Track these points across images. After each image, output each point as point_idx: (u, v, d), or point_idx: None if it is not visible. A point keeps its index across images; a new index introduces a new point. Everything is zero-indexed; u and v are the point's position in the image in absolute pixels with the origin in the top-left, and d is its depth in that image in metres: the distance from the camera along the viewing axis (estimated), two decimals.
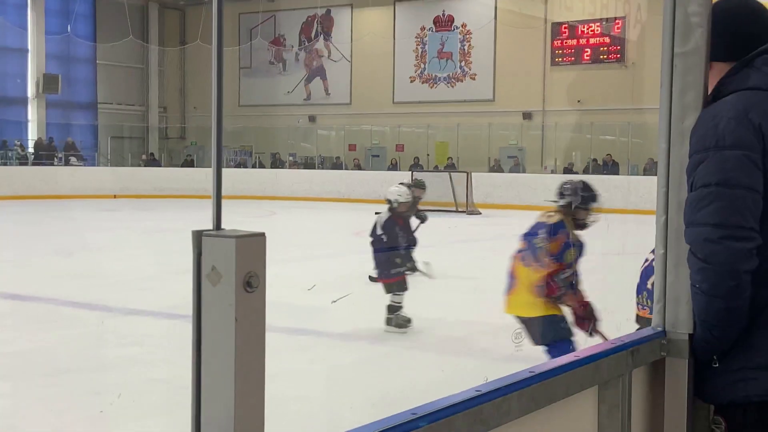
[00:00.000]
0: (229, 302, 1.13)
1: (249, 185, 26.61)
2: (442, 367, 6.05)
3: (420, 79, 30.66)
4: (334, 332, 7.30)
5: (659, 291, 2.06)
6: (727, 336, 1.94)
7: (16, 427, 4.81)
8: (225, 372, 1.14)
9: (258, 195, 26.36)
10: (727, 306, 1.89)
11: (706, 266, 1.88)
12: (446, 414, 1.39)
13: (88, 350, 6.69)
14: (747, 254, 1.87)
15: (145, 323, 7.74)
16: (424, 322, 7.93)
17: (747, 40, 2.05)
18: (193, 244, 1.16)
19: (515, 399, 1.54)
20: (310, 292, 8.75)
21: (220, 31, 1.23)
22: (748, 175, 1.88)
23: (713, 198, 1.88)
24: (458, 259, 12.50)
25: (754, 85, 1.97)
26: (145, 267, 11.41)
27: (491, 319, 8.09)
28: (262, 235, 1.17)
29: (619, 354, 1.87)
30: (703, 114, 1.98)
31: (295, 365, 5.90)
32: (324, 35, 32.53)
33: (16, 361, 6.26)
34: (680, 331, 2.02)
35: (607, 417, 1.86)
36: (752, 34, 2.07)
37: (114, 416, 4.94)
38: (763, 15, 2.12)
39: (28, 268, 11.37)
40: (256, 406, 1.16)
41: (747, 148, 1.88)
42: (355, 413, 4.87)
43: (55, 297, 8.99)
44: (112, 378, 5.80)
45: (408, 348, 6.92)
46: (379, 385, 5.68)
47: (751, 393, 1.93)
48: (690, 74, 2.01)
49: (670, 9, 2.03)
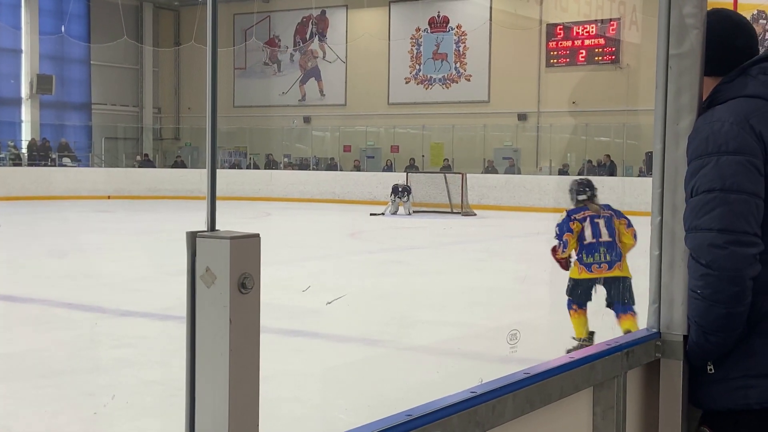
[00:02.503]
0: (223, 303, 1.13)
1: (243, 186, 26.60)
2: (437, 369, 6.04)
3: (415, 80, 30.67)
4: (328, 334, 7.30)
5: (654, 292, 2.06)
6: (724, 342, 1.93)
7: (10, 428, 4.80)
8: (219, 373, 1.13)
9: (252, 196, 26.36)
10: (728, 312, 1.88)
11: (709, 272, 1.87)
12: (441, 415, 1.39)
13: (82, 351, 6.67)
14: (751, 260, 1.86)
15: (139, 324, 7.73)
16: (419, 323, 7.94)
17: (733, 54, 2.05)
18: (187, 245, 1.16)
19: (510, 400, 1.54)
20: (305, 293, 8.75)
21: (214, 31, 1.23)
22: (751, 180, 1.87)
23: (717, 203, 1.87)
24: (453, 261, 12.51)
25: (753, 93, 1.96)
26: (140, 268, 11.40)
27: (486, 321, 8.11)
28: (257, 236, 1.17)
29: (613, 355, 1.87)
30: (702, 119, 1.98)
31: (289, 367, 5.89)
32: (319, 36, 32.53)
33: (10, 363, 6.24)
34: (675, 332, 2.02)
35: (602, 418, 1.86)
36: (737, 48, 2.07)
37: (108, 418, 4.94)
38: (747, 29, 2.12)
39: (21, 269, 11.34)
40: (251, 408, 1.16)
41: (750, 154, 1.88)
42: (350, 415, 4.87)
43: (48, 298, 8.97)
44: (106, 379, 5.79)
45: (403, 349, 6.91)
46: (374, 386, 5.68)
47: (752, 401, 1.92)
48: (685, 76, 2.01)
49: (665, 10, 2.03)
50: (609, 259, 5.93)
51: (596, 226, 5.98)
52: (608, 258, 5.93)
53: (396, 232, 17.82)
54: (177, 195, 26.05)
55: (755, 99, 1.95)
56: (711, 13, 2.07)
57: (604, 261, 5.93)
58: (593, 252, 5.97)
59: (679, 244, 2.00)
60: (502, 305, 8.79)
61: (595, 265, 5.96)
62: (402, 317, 8.15)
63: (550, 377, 1.66)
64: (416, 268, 11.93)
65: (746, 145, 1.88)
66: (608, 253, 5.94)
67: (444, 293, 9.40)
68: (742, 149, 1.88)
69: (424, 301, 9.02)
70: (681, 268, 2.00)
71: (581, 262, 6.04)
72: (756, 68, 2.01)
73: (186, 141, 34.16)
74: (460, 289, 9.74)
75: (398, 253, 13.71)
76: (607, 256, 5.94)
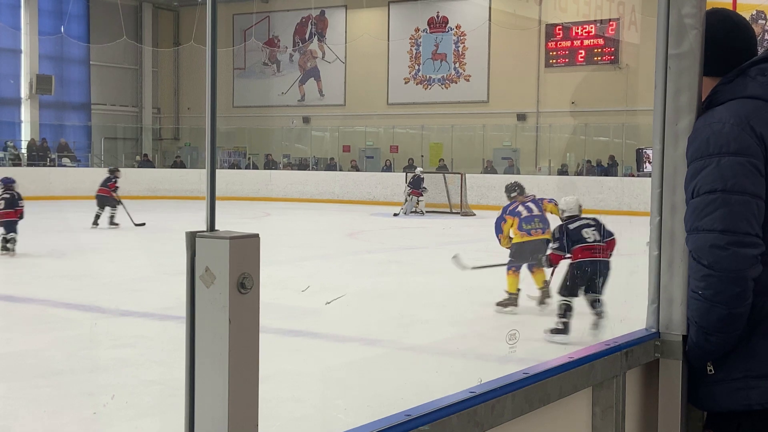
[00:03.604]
0: (222, 303, 1.13)
1: (243, 186, 26.59)
2: (436, 369, 6.05)
3: (414, 81, 30.67)
4: (328, 334, 7.29)
5: (653, 292, 2.06)
6: (725, 343, 1.93)
7: (9, 428, 4.79)
8: (219, 373, 1.13)
9: (252, 196, 26.35)
10: (730, 313, 1.88)
11: (711, 273, 1.87)
12: (440, 415, 1.39)
13: (81, 351, 6.67)
14: (753, 261, 1.86)
15: (138, 324, 7.72)
16: (418, 323, 7.93)
17: (732, 55, 2.05)
18: (186, 245, 1.16)
19: (509, 400, 1.54)
20: (304, 293, 8.75)
21: (214, 32, 1.23)
22: (753, 181, 1.87)
23: (719, 204, 1.86)
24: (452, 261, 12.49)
25: (752, 94, 1.96)
26: (139, 268, 11.39)
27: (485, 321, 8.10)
28: (256, 236, 1.17)
29: (612, 355, 1.87)
30: (702, 120, 1.97)
31: (289, 366, 5.89)
32: (318, 36, 32.52)
33: (9, 363, 6.24)
34: (674, 332, 2.02)
35: (601, 418, 1.86)
36: (736, 48, 2.06)
37: (107, 417, 4.94)
38: (746, 29, 2.11)
39: (21, 269, 11.34)
40: (250, 408, 1.16)
41: (750, 155, 1.88)
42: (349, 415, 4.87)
43: (48, 298, 8.97)
44: (105, 379, 5.79)
45: (402, 349, 6.91)
46: (373, 386, 5.68)
47: (753, 401, 1.92)
48: (684, 76, 2.01)
49: (664, 11, 2.03)
50: (542, 227, 8.20)
51: (528, 207, 8.37)
52: (540, 226, 8.22)
53: (395, 232, 17.82)
54: (176, 195, 26.04)
55: (755, 100, 1.95)
56: (710, 14, 2.07)
57: (539, 228, 8.20)
58: (530, 222, 8.26)
59: (679, 244, 2.00)
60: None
61: (533, 230, 8.23)
62: (401, 317, 8.15)
63: (549, 377, 1.66)
64: (415, 268, 11.93)
65: (747, 146, 1.88)
66: (540, 222, 8.26)
67: (443, 293, 9.40)
68: (743, 150, 1.88)
69: (424, 301, 9.02)
70: (680, 268, 2.00)
71: (521, 229, 8.24)
72: (754, 69, 2.00)
73: (185, 141, 34.15)
74: (460, 289, 9.74)
75: (397, 253, 13.71)
76: (540, 224, 8.23)
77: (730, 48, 2.06)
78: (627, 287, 3.86)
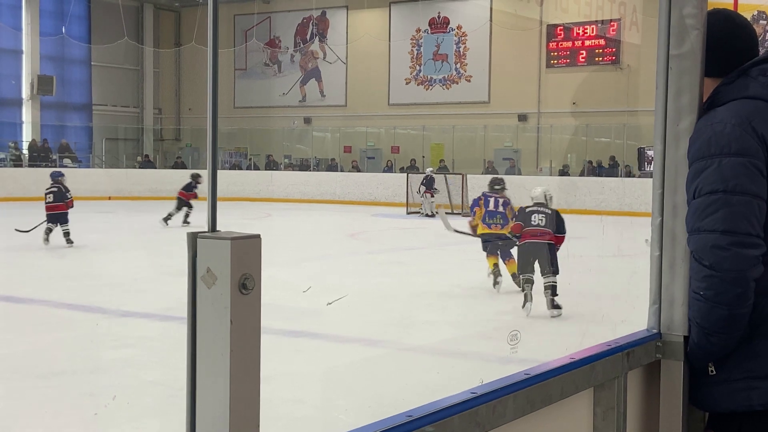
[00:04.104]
0: (224, 304, 1.13)
1: (244, 187, 26.60)
2: (438, 369, 6.05)
3: (415, 81, 30.67)
4: (329, 334, 7.30)
5: (654, 293, 2.06)
6: (726, 344, 1.93)
7: (11, 429, 4.80)
8: (220, 374, 1.13)
9: (253, 197, 26.36)
10: (731, 313, 1.88)
11: (713, 273, 1.87)
12: (442, 416, 1.39)
13: (82, 352, 6.67)
14: (754, 261, 1.86)
15: (139, 325, 7.73)
16: (419, 323, 7.94)
17: (733, 56, 2.04)
18: (188, 246, 1.16)
19: (510, 401, 1.54)
20: (306, 294, 8.75)
21: (215, 32, 1.23)
22: (754, 182, 1.87)
23: (721, 204, 1.86)
24: (453, 261, 12.50)
25: (754, 94, 1.96)
26: (140, 269, 11.40)
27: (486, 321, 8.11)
28: (258, 236, 1.17)
29: (614, 356, 1.87)
30: (704, 121, 1.97)
31: (290, 367, 5.89)
32: (319, 37, 32.53)
33: (11, 363, 6.24)
34: (675, 333, 2.02)
35: (602, 419, 1.86)
36: (737, 49, 2.06)
37: (108, 418, 4.94)
38: (747, 30, 2.11)
39: (22, 270, 11.35)
40: (251, 409, 1.16)
41: (752, 156, 1.88)
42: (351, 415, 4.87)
43: (49, 299, 8.98)
44: (106, 380, 5.79)
45: (403, 350, 6.91)
46: (375, 387, 5.68)
47: (755, 402, 1.92)
48: (685, 76, 2.01)
49: (665, 11, 2.02)
50: (501, 222, 9.45)
51: (497, 202, 9.59)
52: (501, 222, 9.46)
53: (396, 232, 17.83)
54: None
55: (756, 101, 1.95)
56: (711, 14, 2.06)
57: (498, 223, 9.46)
58: (493, 217, 9.55)
59: (680, 244, 1.99)
60: (502, 306, 8.79)
61: (493, 225, 9.49)
62: (402, 317, 8.15)
63: (551, 378, 1.66)
64: (416, 268, 11.94)
65: (748, 147, 1.88)
66: (501, 218, 9.49)
67: (444, 293, 9.40)
68: (745, 151, 1.87)
69: (424, 301, 9.02)
70: (681, 269, 2.00)
71: (484, 222, 9.56)
72: (756, 70, 2.00)
73: (187, 142, 34.15)
74: (460, 289, 9.74)
75: (398, 254, 13.71)
76: (500, 221, 9.47)
77: (731, 48, 2.06)
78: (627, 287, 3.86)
